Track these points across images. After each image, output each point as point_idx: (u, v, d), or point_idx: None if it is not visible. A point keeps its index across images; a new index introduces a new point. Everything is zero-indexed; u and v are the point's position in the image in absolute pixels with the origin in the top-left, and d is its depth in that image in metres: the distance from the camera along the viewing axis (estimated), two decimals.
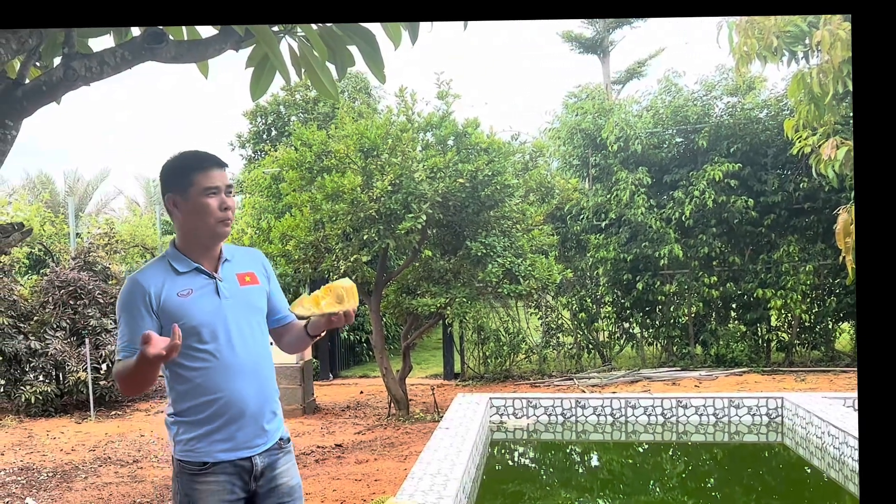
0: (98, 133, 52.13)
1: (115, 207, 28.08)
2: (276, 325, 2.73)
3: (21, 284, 11.49)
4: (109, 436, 8.58)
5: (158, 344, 2.19)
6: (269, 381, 2.59)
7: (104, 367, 10.09)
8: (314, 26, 2.67)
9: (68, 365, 9.74)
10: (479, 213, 8.43)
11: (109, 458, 7.59)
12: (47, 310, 10.26)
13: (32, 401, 9.55)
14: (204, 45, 2.66)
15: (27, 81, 2.48)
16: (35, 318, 10.25)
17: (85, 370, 9.62)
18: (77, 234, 16.12)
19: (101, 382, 9.83)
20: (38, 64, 2.77)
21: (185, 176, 2.51)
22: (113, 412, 9.93)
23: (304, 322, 2.66)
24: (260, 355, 2.56)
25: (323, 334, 2.63)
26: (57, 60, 2.61)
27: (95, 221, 17.85)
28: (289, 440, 2.69)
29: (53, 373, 9.94)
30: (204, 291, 2.50)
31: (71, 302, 10.32)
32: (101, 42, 2.72)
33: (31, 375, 9.75)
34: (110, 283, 10.98)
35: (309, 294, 2.53)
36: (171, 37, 2.56)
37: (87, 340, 9.69)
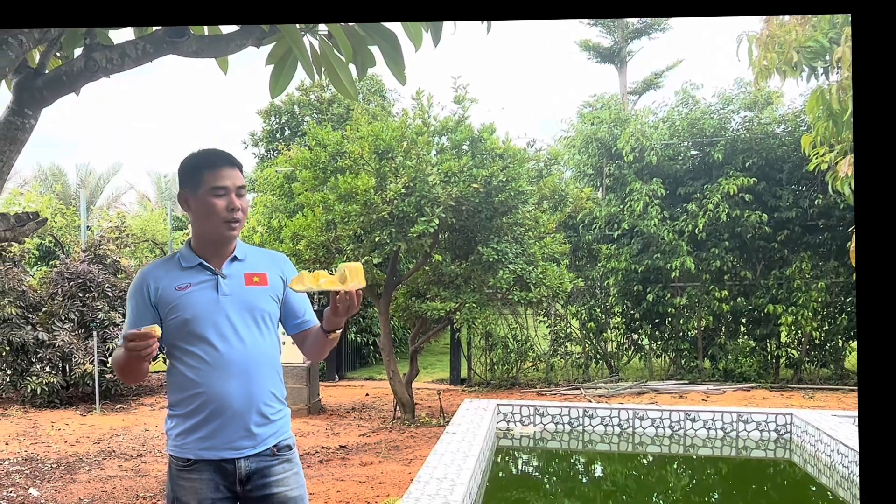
0: (112, 127, 52.36)
1: (127, 202, 28.22)
2: (297, 331, 2.68)
3: (30, 275, 11.52)
4: (114, 429, 8.58)
5: (138, 341, 2.29)
6: (262, 383, 2.50)
7: (111, 360, 10.10)
8: (338, 25, 2.65)
9: (75, 357, 9.76)
10: (491, 218, 8.40)
11: (114, 451, 7.59)
12: (56, 301, 10.29)
13: (38, 392, 9.56)
14: (226, 41, 2.65)
15: (47, 71, 2.47)
16: (43, 309, 10.28)
17: (92, 363, 9.63)
18: (88, 227, 16.17)
19: (108, 376, 9.84)
20: (58, 54, 2.77)
21: (196, 174, 2.49)
22: (118, 406, 9.94)
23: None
24: (254, 355, 2.50)
25: (339, 332, 2.56)
26: (78, 51, 2.60)
27: (106, 215, 17.93)
28: (290, 448, 2.58)
29: (60, 364, 9.96)
30: (203, 286, 2.49)
31: (80, 294, 10.34)
32: (123, 34, 2.71)
33: (38, 366, 9.76)
34: (119, 276, 11.00)
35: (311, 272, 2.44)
36: (192, 31, 2.55)
37: (94, 333, 9.69)
